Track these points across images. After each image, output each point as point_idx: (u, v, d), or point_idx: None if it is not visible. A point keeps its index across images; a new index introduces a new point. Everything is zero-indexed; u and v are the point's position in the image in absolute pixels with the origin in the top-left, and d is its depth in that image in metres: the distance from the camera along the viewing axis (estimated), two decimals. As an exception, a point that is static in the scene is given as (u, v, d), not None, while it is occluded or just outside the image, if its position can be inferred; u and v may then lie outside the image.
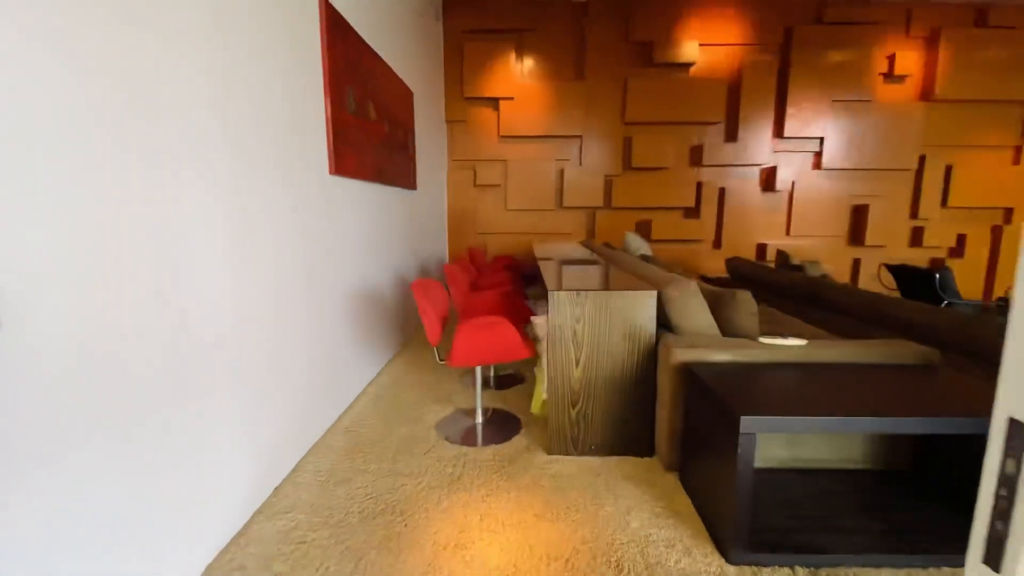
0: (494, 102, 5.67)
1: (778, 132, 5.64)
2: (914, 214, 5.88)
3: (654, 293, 1.96)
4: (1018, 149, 5.70)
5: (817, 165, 5.76)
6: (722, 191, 5.74)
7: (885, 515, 1.59)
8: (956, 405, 1.45)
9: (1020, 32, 5.33)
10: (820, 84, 5.50)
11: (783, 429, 1.37)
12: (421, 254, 4.50)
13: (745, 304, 2.06)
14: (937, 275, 4.47)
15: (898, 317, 2.74)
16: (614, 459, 2.04)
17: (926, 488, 1.72)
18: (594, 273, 2.49)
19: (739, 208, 5.77)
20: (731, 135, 5.68)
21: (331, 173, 2.27)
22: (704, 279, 5.76)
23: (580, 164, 5.75)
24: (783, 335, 1.91)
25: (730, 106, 5.65)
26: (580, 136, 5.68)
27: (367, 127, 2.75)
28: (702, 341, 1.89)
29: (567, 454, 2.07)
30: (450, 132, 5.74)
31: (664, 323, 2.07)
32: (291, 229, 1.90)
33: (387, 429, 2.34)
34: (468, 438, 2.23)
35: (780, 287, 3.93)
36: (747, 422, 1.37)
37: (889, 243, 5.88)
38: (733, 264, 4.76)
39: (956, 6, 5.46)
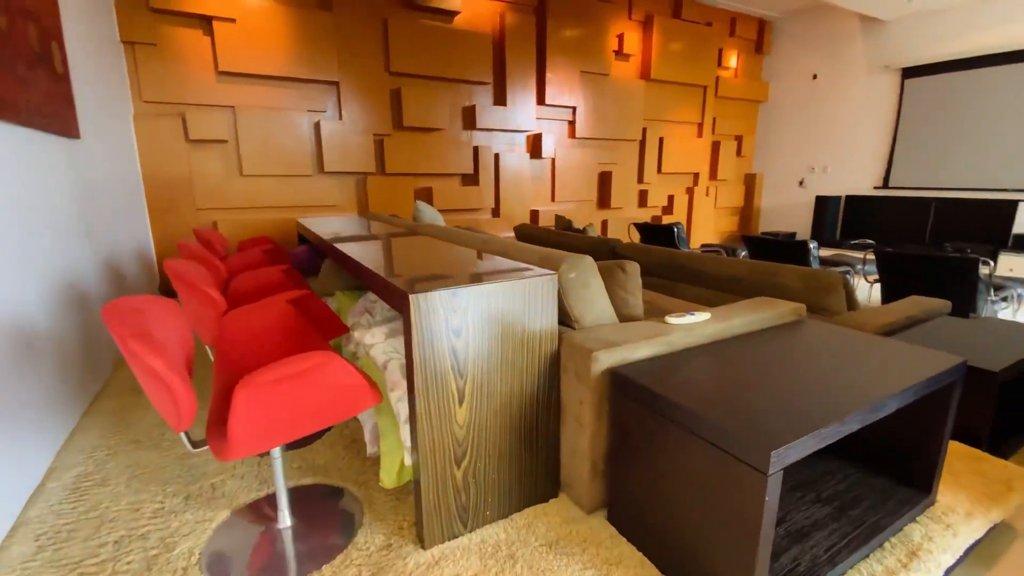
0: (205, 22, 4.03)
1: (540, 99, 5.69)
2: (640, 179, 6.86)
3: (554, 276, 1.38)
4: (700, 125, 7.19)
5: (572, 134, 6.09)
6: (497, 157, 5.53)
7: (841, 505, 1.44)
8: (900, 366, 1.34)
9: (700, 27, 6.59)
10: (572, 53, 5.72)
11: (806, 451, 1.00)
12: (106, 246, 2.84)
13: (635, 278, 1.68)
14: (675, 228, 5.23)
15: (698, 271, 2.87)
16: (521, 518, 1.44)
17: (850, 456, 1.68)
18: (443, 256, 1.76)
19: (512, 175, 5.67)
20: (500, 98, 5.47)
21: None
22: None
23: (340, 119, 4.66)
24: (688, 311, 1.60)
25: (497, 67, 5.39)
26: (336, 82, 4.58)
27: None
28: (617, 335, 1.43)
29: (456, 537, 1.36)
30: (133, 59, 3.85)
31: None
32: None
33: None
34: (272, 569, 1.28)
35: (578, 250, 3.88)
36: (778, 457, 0.94)
37: (625, 205, 6.74)
38: (522, 231, 4.59)
39: (661, -2, 6.38)
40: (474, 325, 1.26)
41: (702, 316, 1.59)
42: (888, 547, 1.33)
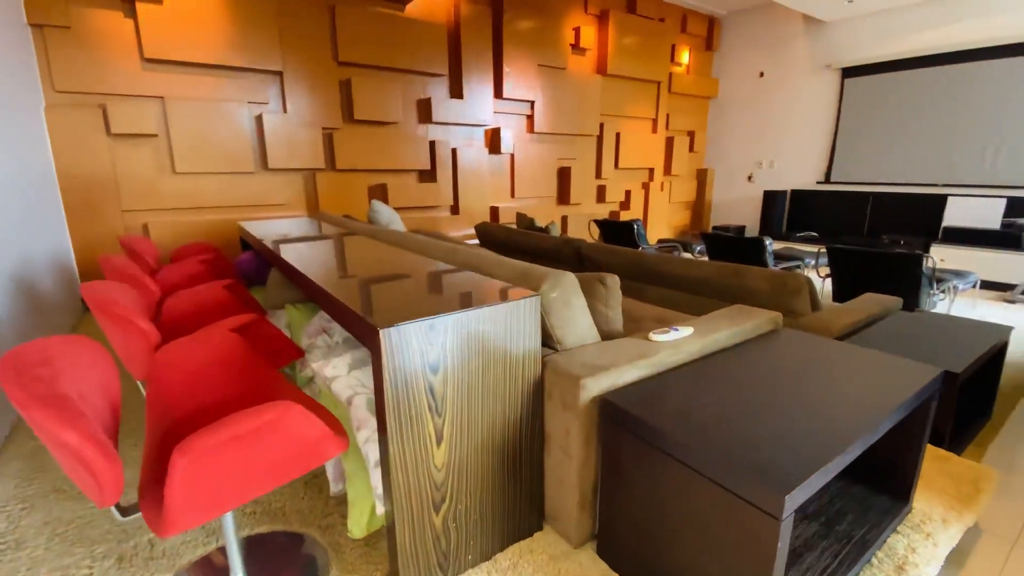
0: (127, 3, 3.62)
1: (498, 92, 5.54)
2: (598, 174, 6.87)
3: (537, 298, 1.27)
4: (655, 121, 7.26)
5: (531, 128, 5.99)
6: (454, 152, 5.35)
7: (827, 520, 1.42)
8: (886, 381, 1.33)
9: (653, 23, 6.62)
10: (529, 46, 5.60)
11: (814, 490, 0.95)
12: (13, 256, 2.49)
13: (615, 291, 1.60)
14: (635, 225, 5.26)
15: (664, 272, 2.85)
16: (505, 559, 1.33)
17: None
18: (411, 271, 1.61)
19: (471, 171, 5.51)
20: (456, 91, 5.28)
21: None
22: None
23: (285, 111, 4.34)
24: (671, 327, 1.54)
25: (452, 59, 5.19)
26: (279, 72, 4.25)
27: None
28: (602, 357, 1.34)
29: (435, 586, 1.24)
30: (42, 43, 3.41)
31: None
32: None
33: None
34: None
35: (538, 251, 3.80)
36: (792, 500, 0.88)
37: (583, 201, 6.72)
38: (484, 229, 4.46)
39: (616, -8, 6.35)
40: (453, 357, 1.14)
41: (685, 331, 1.53)
42: (876, 562, 1.32)
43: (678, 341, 1.47)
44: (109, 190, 3.73)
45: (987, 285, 4.99)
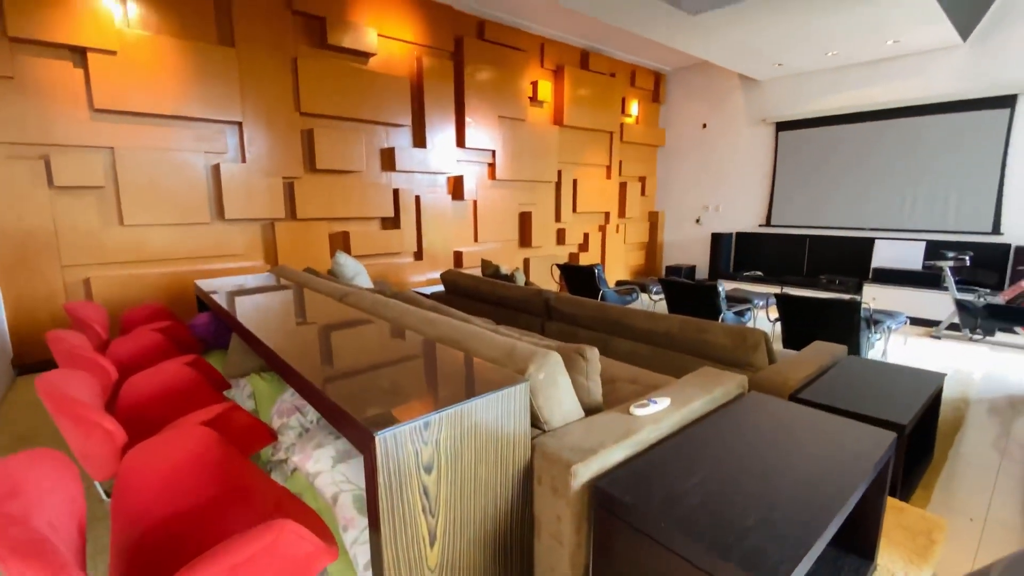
0: (77, 53, 3.50)
1: (460, 142, 5.67)
2: (558, 218, 7.08)
3: (527, 384, 1.29)
4: (608, 167, 7.61)
5: (492, 176, 6.14)
6: (417, 199, 5.38)
7: None
8: (852, 449, 1.42)
9: (605, 77, 7.03)
10: (489, 98, 5.80)
11: (803, 571, 1.00)
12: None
13: (595, 363, 1.65)
14: (596, 270, 5.42)
15: (630, 325, 2.95)
16: (497, 655, 1.30)
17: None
18: (391, 351, 1.60)
19: (434, 217, 5.55)
20: (419, 140, 5.36)
21: None
22: (419, 294, 5.32)
23: (244, 161, 4.26)
24: (651, 399, 1.59)
25: (415, 109, 5.30)
26: (239, 122, 4.19)
27: None
28: (589, 437, 1.37)
29: None
30: (-23, 92, 3.23)
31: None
32: None
33: None
34: None
35: (506, 300, 3.85)
36: (784, 595, 0.92)
37: (544, 244, 6.89)
38: (450, 278, 4.47)
39: (570, 48, 6.73)
40: (447, 454, 1.13)
41: (663, 402, 1.59)
42: (852, 627, 1.38)
43: (658, 414, 1.52)
44: (48, 245, 3.50)
45: (915, 321, 5.44)
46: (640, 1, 4.29)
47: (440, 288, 5.10)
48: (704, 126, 7.82)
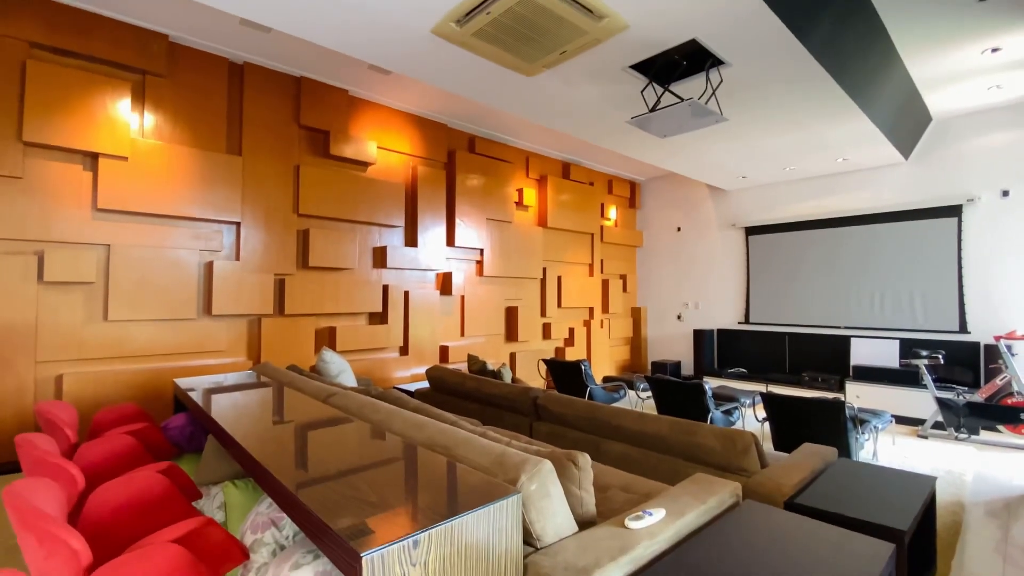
0: (89, 158, 3.71)
1: (450, 241, 5.93)
2: (543, 313, 7.21)
3: (519, 496, 1.26)
4: (591, 266, 7.93)
5: (480, 272, 6.33)
6: (406, 294, 5.49)
7: None
8: (852, 566, 1.37)
9: (584, 186, 7.58)
10: (478, 203, 6.18)
11: None
12: None
13: (587, 471, 1.62)
14: (583, 366, 5.43)
15: (620, 427, 2.91)
16: None
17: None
18: (375, 457, 1.56)
19: (422, 312, 5.62)
20: (411, 240, 5.59)
21: None
22: (400, 390, 5.21)
23: (238, 259, 4.36)
24: (646, 511, 1.55)
25: (408, 211, 5.59)
26: (237, 222, 4.36)
27: None
28: (585, 555, 1.31)
29: None
30: (-16, 192, 3.35)
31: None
32: None
33: None
34: None
35: (492, 398, 3.79)
36: None
37: (530, 338, 6.94)
38: (435, 374, 4.43)
39: (553, 160, 7.33)
40: (434, 574, 1.07)
41: (658, 514, 1.55)
42: None
43: (653, 528, 1.47)
44: (26, 340, 3.43)
45: (900, 420, 5.45)
46: (615, 126, 4.79)
47: (425, 384, 5.02)
48: (679, 229, 8.32)
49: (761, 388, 6.53)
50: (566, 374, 5.54)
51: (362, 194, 5.07)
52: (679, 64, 3.62)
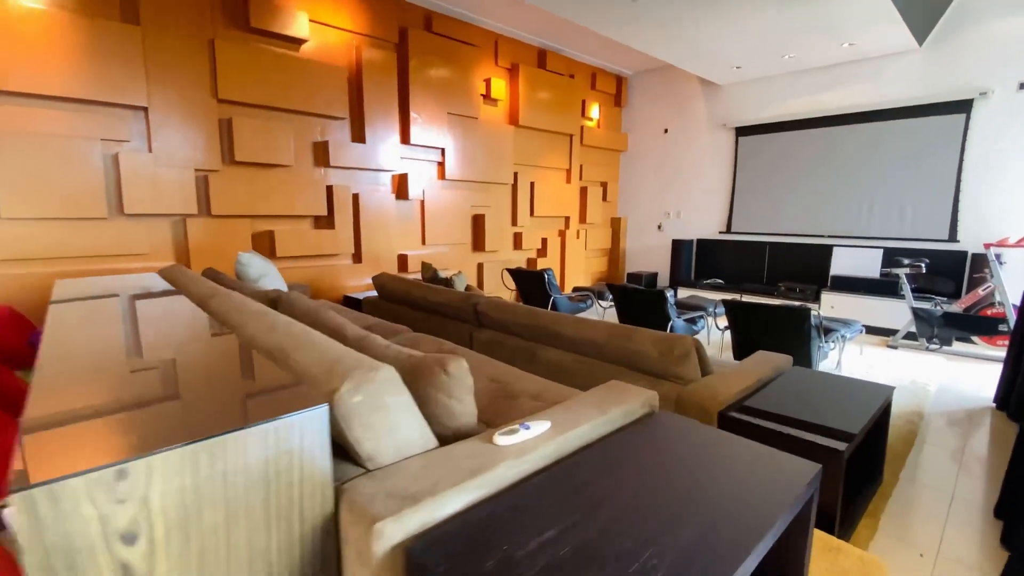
0: (-67, 20, 3.07)
1: (405, 138, 5.34)
2: (514, 222, 6.78)
3: (322, 410, 0.96)
4: (568, 171, 7.37)
5: (441, 175, 5.81)
6: (356, 197, 5.02)
7: None
8: (762, 483, 1.12)
9: (564, 79, 6.81)
10: (438, 94, 5.50)
11: None
12: None
13: (461, 379, 1.32)
14: (546, 275, 5.14)
15: (558, 333, 2.65)
16: None
17: None
18: (176, 357, 1.24)
19: (376, 217, 5.19)
20: (358, 135, 5.01)
21: None
22: (348, 300, 4.94)
23: (150, 151, 3.84)
24: (522, 424, 1.27)
25: (353, 102, 4.95)
26: (144, 108, 3.78)
27: None
28: (422, 478, 1.04)
29: None
30: None
31: (342, 451, 1.10)
32: None
33: None
34: None
35: (436, 306, 3.51)
36: None
37: (500, 248, 6.58)
38: (381, 281, 4.12)
39: (527, 46, 6.49)
40: (168, 514, 0.79)
41: (540, 427, 1.27)
42: None
43: (525, 444, 1.20)
44: None
45: (872, 330, 5.29)
46: (586, -10, 4.05)
47: (374, 294, 4.74)
48: (666, 131, 7.66)
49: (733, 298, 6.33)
50: (532, 284, 5.26)
51: (295, 78, 4.42)
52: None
